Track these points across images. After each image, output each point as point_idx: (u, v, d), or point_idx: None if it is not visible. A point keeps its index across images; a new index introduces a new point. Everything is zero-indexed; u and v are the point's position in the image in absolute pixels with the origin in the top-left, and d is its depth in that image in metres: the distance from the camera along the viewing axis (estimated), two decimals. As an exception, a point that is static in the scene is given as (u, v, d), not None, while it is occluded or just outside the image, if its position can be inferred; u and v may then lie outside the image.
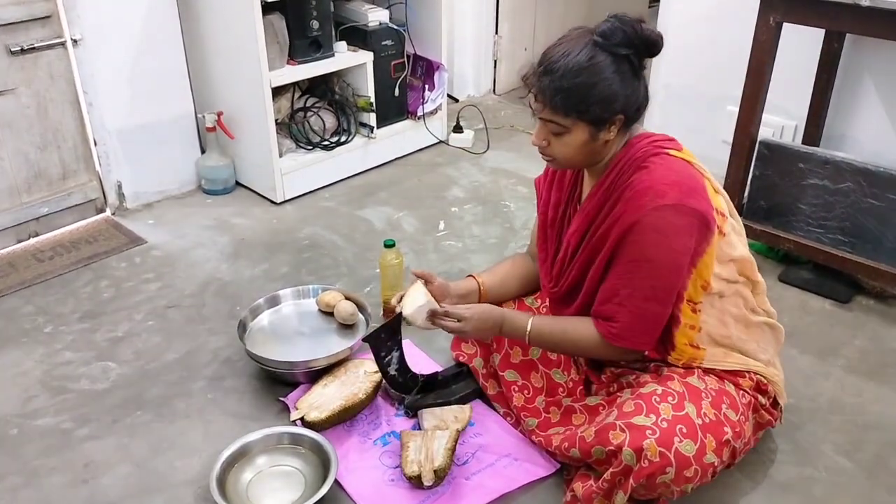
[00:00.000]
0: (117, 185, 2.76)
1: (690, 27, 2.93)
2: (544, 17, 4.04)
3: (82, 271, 2.44)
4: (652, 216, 1.41)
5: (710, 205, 1.45)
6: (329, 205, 2.86)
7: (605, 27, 1.41)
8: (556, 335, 1.59)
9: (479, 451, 1.72)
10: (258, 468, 1.67)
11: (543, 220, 1.70)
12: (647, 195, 1.42)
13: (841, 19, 2.04)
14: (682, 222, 1.42)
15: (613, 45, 1.40)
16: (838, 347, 2.08)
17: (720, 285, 1.52)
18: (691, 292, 1.49)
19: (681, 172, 1.45)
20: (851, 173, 2.16)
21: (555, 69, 1.40)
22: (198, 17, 2.73)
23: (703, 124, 3.01)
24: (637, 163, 1.46)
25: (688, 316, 1.51)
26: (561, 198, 1.66)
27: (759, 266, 1.60)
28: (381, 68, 2.99)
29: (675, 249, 1.43)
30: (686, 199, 1.41)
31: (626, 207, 1.44)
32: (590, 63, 1.39)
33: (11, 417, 1.86)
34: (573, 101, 1.41)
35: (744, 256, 1.54)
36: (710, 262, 1.47)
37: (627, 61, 1.41)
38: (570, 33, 1.46)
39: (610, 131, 1.45)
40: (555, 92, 1.41)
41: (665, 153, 1.47)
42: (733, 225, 1.55)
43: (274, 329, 2.07)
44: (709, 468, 1.42)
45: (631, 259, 1.45)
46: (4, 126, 2.44)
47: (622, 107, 1.43)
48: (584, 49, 1.40)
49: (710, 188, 1.49)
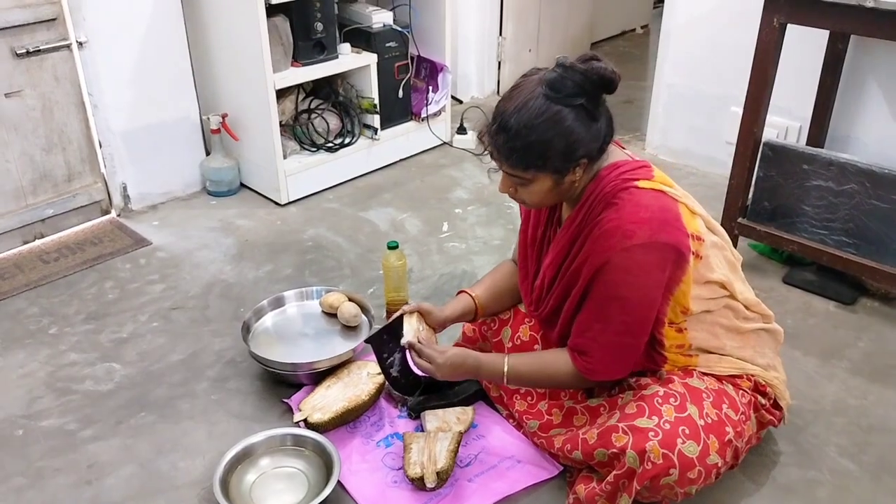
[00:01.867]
0: (122, 187, 2.77)
1: (694, 28, 2.93)
2: (548, 19, 4.05)
3: (87, 273, 2.45)
4: (620, 256, 1.40)
5: (683, 234, 1.43)
6: (333, 206, 2.86)
7: (551, 78, 1.37)
8: (534, 373, 1.60)
9: (482, 453, 1.72)
10: (261, 469, 1.68)
11: (524, 237, 1.70)
12: (615, 236, 1.40)
13: (845, 21, 2.03)
14: (651, 259, 1.40)
15: (565, 96, 1.36)
16: (842, 349, 2.08)
17: (703, 305, 1.51)
18: (671, 317, 1.49)
19: (651, 206, 1.42)
20: (856, 175, 2.15)
21: (508, 127, 1.38)
22: (202, 19, 2.74)
23: (707, 125, 3.01)
24: (606, 199, 1.44)
25: (672, 337, 1.52)
26: (540, 220, 1.65)
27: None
28: (384, 70, 3.00)
29: (647, 285, 1.43)
30: (656, 234, 1.40)
31: (594, 247, 1.44)
32: (543, 118, 1.36)
33: (16, 418, 1.87)
34: (531, 157, 1.39)
35: (721, 280, 1.52)
36: (687, 288, 1.47)
37: (583, 108, 1.38)
38: (522, 82, 1.43)
39: (575, 173, 1.43)
40: (510, 151, 1.40)
41: (634, 187, 1.43)
42: (714, 241, 1.53)
43: (277, 330, 2.07)
44: (712, 469, 1.42)
45: (603, 296, 1.46)
46: (10, 128, 2.46)
47: (584, 153, 1.41)
48: (536, 101, 1.37)
49: (686, 212, 1.46)
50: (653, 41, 4.43)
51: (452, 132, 3.34)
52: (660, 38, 3.08)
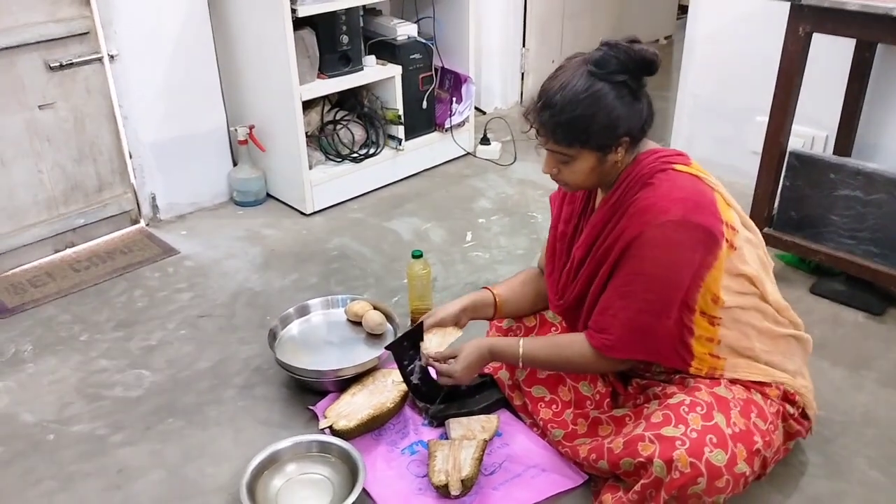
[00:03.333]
0: (151, 197, 2.81)
1: (719, 37, 2.92)
2: (571, 30, 4.06)
3: (117, 281, 2.49)
4: (652, 232, 1.42)
5: (718, 219, 1.45)
6: (358, 216, 2.88)
7: (597, 56, 1.42)
8: (549, 354, 1.61)
9: (507, 462, 1.72)
10: (287, 476, 1.69)
11: (554, 234, 1.72)
12: (650, 212, 1.43)
13: (872, 29, 2.02)
14: (683, 237, 1.42)
15: (609, 73, 1.41)
16: (871, 360, 2.05)
17: (734, 299, 1.50)
18: (703, 305, 1.49)
19: (687, 188, 1.45)
20: (884, 184, 2.13)
21: (553, 103, 1.43)
22: (230, 32, 2.78)
23: (732, 135, 3.00)
24: (643, 179, 1.47)
25: (703, 328, 1.51)
26: (573, 212, 1.67)
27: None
28: (409, 81, 3.02)
29: (675, 263, 1.43)
30: (691, 214, 1.42)
31: (629, 223, 1.46)
32: (587, 93, 1.41)
33: (48, 423, 1.90)
34: (575, 132, 1.43)
35: (752, 274, 1.52)
36: (719, 275, 1.47)
37: (625, 86, 1.42)
38: (566, 63, 1.47)
39: (617, 153, 1.47)
40: (555, 126, 1.43)
41: (671, 169, 1.47)
42: (748, 237, 1.54)
43: (303, 338, 2.09)
44: (740, 478, 1.41)
45: (628, 272, 1.47)
46: (44, 139, 2.51)
47: (626, 130, 1.44)
48: (580, 80, 1.42)
49: (722, 202, 1.48)
50: (676, 51, 4.42)
51: (476, 143, 3.36)
52: (684, 48, 3.08)
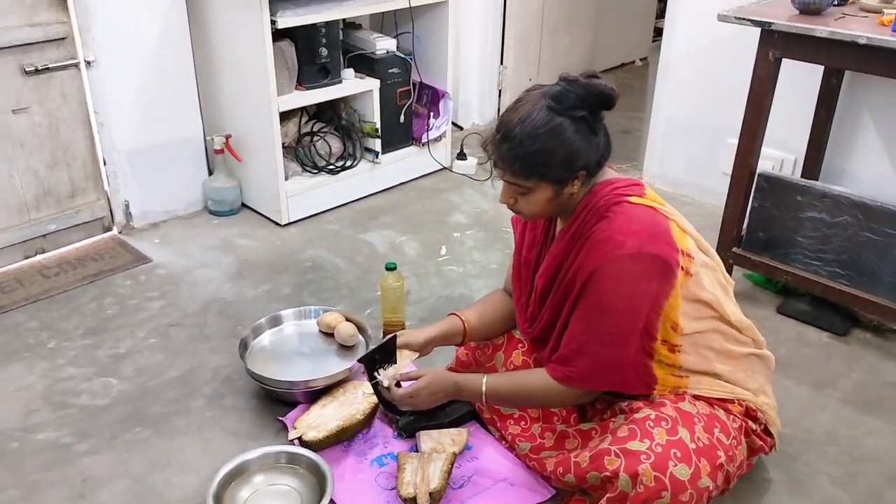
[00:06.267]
0: (125, 204, 2.79)
1: (692, 60, 2.98)
2: (549, 49, 4.11)
3: (87, 288, 2.47)
4: (609, 266, 1.45)
5: (673, 248, 1.47)
6: (333, 228, 2.89)
7: (556, 91, 1.44)
8: (512, 390, 1.63)
9: (476, 475, 1.73)
10: (255, 486, 1.68)
11: (518, 259, 1.74)
12: (607, 245, 1.45)
13: (839, 57, 2.07)
14: (639, 268, 1.44)
15: (567, 108, 1.43)
16: (835, 380, 2.09)
17: (693, 325, 1.53)
18: (663, 333, 1.51)
19: (642, 220, 1.47)
20: (849, 207, 2.18)
21: (513, 136, 1.44)
22: (209, 41, 2.78)
23: (704, 156, 3.05)
24: (600, 212, 1.49)
25: (664, 355, 1.53)
26: (535, 239, 1.69)
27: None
28: (387, 95, 3.04)
29: (633, 294, 1.46)
30: (646, 246, 1.44)
31: (587, 256, 1.49)
32: (547, 128, 1.42)
33: (12, 431, 1.88)
34: (533, 166, 1.45)
35: (710, 300, 1.54)
36: (676, 303, 1.49)
37: (584, 120, 1.44)
38: (525, 96, 1.49)
39: (574, 185, 1.49)
40: (514, 159, 1.45)
41: (626, 202, 1.49)
42: (705, 261, 1.56)
43: (275, 349, 2.09)
44: (704, 492, 1.43)
45: (588, 306, 1.50)
46: (16, 144, 2.49)
47: (583, 164, 1.47)
48: (539, 113, 1.43)
49: (677, 229, 1.50)
50: (651, 73, 4.49)
51: (453, 157, 3.38)
52: (658, 69, 3.13)
